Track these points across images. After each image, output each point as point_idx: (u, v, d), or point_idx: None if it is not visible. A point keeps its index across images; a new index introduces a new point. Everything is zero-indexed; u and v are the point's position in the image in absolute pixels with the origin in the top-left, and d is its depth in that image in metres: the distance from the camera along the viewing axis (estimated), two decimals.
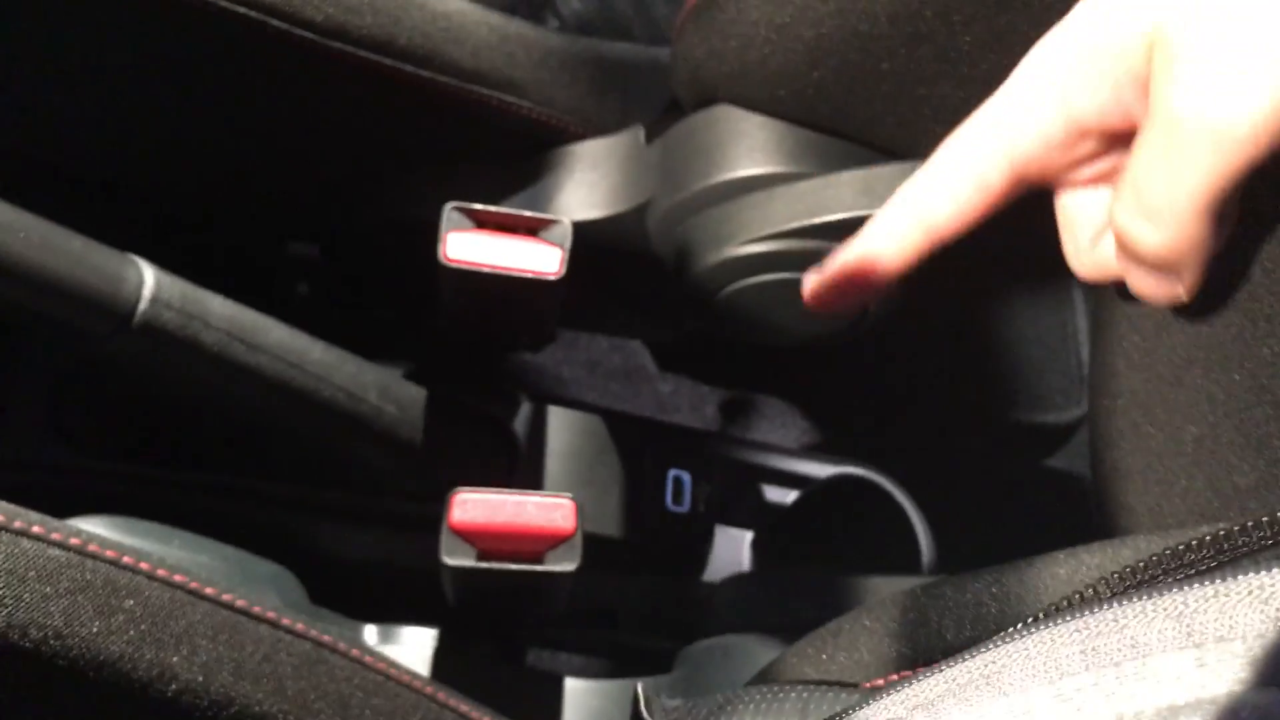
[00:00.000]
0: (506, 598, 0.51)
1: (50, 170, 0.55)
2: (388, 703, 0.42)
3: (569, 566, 0.47)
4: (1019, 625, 0.25)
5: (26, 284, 0.41)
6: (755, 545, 0.69)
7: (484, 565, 0.47)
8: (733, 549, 0.69)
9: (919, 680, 0.24)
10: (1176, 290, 0.36)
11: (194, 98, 0.53)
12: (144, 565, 0.37)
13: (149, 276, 0.44)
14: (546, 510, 0.48)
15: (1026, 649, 0.23)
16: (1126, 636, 0.22)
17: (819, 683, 0.32)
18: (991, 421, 0.82)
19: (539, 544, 0.48)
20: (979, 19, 0.43)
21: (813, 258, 0.51)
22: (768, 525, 0.69)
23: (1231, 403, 0.36)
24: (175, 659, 0.37)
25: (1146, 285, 0.36)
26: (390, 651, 0.53)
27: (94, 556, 0.36)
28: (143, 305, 0.43)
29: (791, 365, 0.80)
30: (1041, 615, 0.25)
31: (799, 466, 0.71)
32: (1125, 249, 0.35)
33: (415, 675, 0.43)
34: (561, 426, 0.61)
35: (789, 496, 0.71)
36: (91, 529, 0.45)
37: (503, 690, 0.54)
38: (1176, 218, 0.33)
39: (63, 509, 0.47)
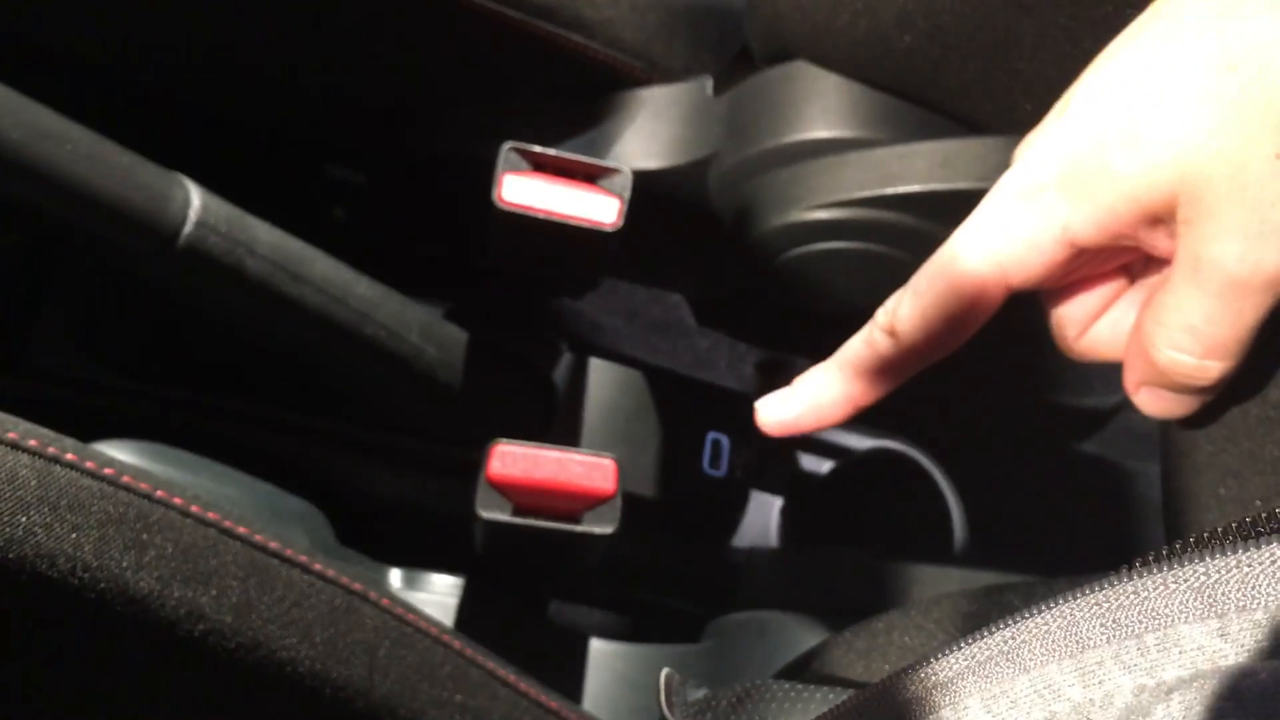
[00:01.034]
0: (538, 555, 0.50)
1: (97, 78, 0.53)
2: (415, 655, 0.40)
3: (607, 529, 0.46)
4: (1040, 603, 0.24)
5: (72, 197, 0.39)
6: (784, 512, 0.68)
7: (519, 521, 0.46)
8: (762, 514, 0.68)
9: (939, 658, 0.24)
10: (1206, 400, 0.37)
11: (253, 8, 0.50)
12: (178, 500, 0.36)
13: (196, 198, 0.42)
14: (588, 469, 0.46)
15: (1047, 623, 0.23)
16: (1148, 608, 0.22)
17: (853, 683, 0.31)
18: (1031, 402, 0.80)
19: (577, 503, 0.46)
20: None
21: (882, 229, 0.49)
22: (801, 494, 0.67)
23: None
24: (205, 599, 0.35)
25: (1183, 404, 0.37)
26: (415, 597, 0.52)
27: (128, 489, 0.34)
28: (188, 227, 0.42)
29: (833, 330, 0.78)
30: (1062, 595, 0.24)
31: (836, 437, 0.69)
32: (1178, 381, 0.35)
33: (444, 628, 0.42)
34: (602, 379, 0.59)
35: (824, 466, 0.69)
36: (121, 455, 0.44)
37: (527, 646, 0.53)
38: (1238, 349, 0.35)
39: (92, 427, 0.46)
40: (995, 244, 0.37)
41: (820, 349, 0.85)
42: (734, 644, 0.51)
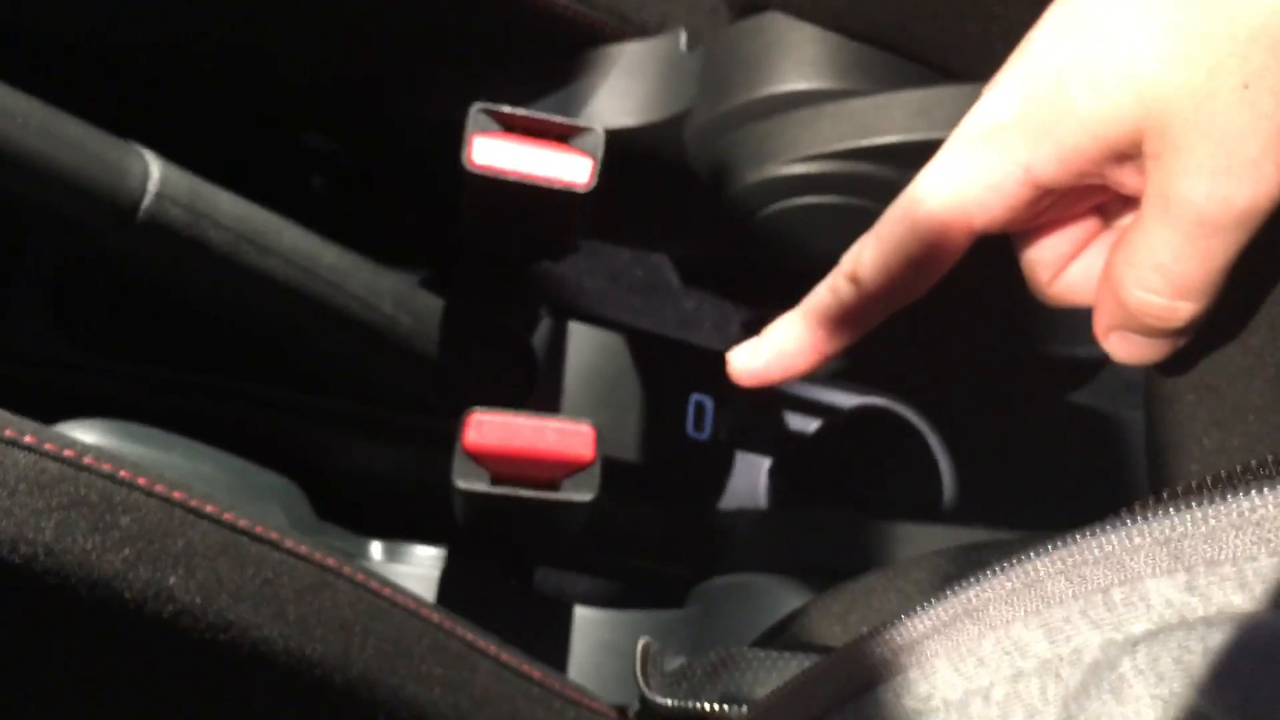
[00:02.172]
0: (518, 523, 0.49)
1: (52, 48, 0.52)
2: (392, 629, 0.40)
3: (586, 496, 0.45)
4: (1004, 560, 0.24)
5: (25, 173, 0.38)
6: (773, 473, 0.67)
7: (497, 490, 0.45)
8: (751, 475, 0.67)
9: (904, 620, 0.23)
10: (1178, 344, 0.37)
11: None
12: (142, 480, 0.35)
13: (155, 169, 0.41)
14: (565, 436, 0.45)
15: (1011, 581, 0.23)
16: (1114, 563, 0.22)
17: (825, 648, 0.30)
18: (1021, 354, 0.79)
19: (555, 470, 0.46)
20: None
21: (861, 181, 0.48)
22: (789, 454, 0.67)
23: None
24: (172, 579, 0.35)
25: (1155, 349, 0.37)
26: (396, 569, 0.51)
27: (90, 470, 0.34)
28: (148, 200, 0.41)
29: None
30: (1025, 553, 0.24)
31: (823, 395, 0.68)
32: (1149, 323, 0.34)
33: (422, 602, 0.42)
34: (582, 344, 0.58)
35: (811, 425, 0.68)
36: (89, 434, 0.43)
37: (510, 615, 0.52)
38: (1209, 289, 0.34)
39: (62, 406, 0.45)
40: (957, 187, 0.36)
41: None
42: (717, 609, 0.51)
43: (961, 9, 0.44)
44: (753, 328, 0.80)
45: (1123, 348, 0.37)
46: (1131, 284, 0.34)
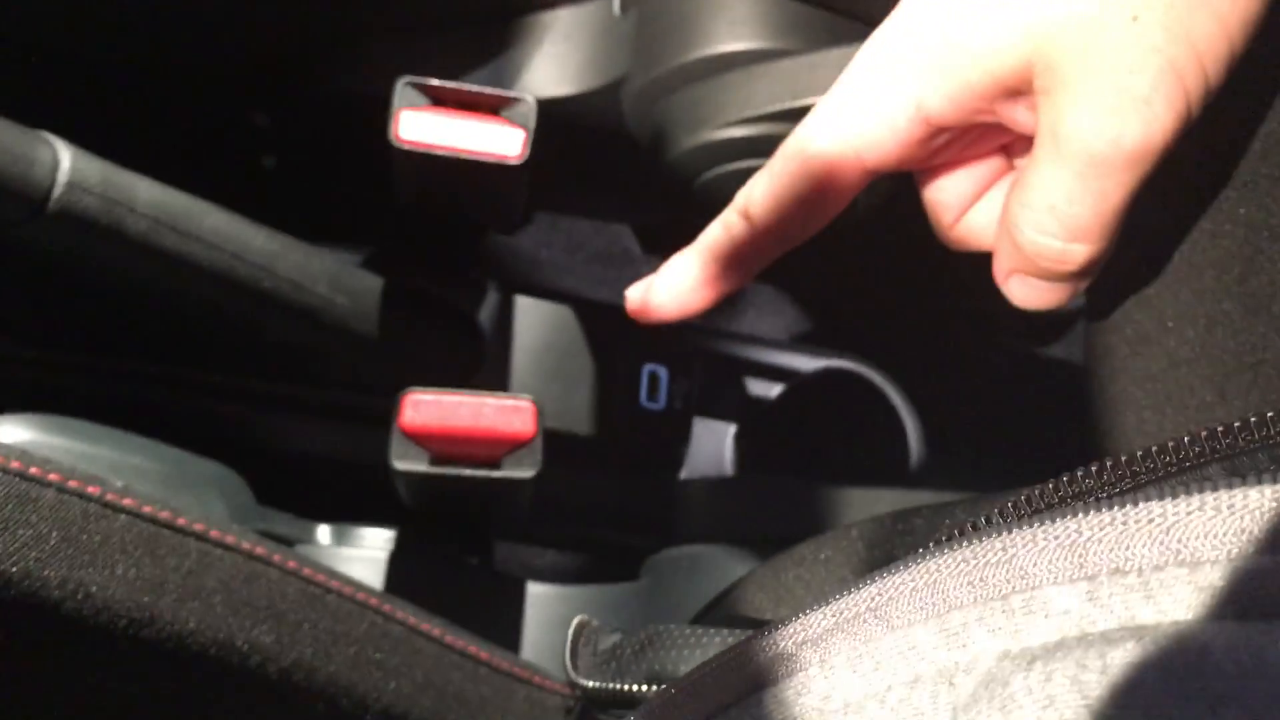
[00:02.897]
0: (463, 502, 0.49)
1: None
2: (327, 616, 0.39)
3: (527, 472, 0.45)
4: (909, 555, 0.23)
5: None
6: (738, 439, 0.66)
7: (436, 470, 0.44)
8: (715, 443, 0.66)
9: (808, 614, 0.23)
10: (1079, 288, 0.35)
11: None
12: (53, 476, 0.34)
13: (65, 157, 0.40)
14: (505, 413, 0.45)
15: (914, 580, 0.22)
16: (1015, 567, 0.21)
17: (755, 622, 0.30)
18: (987, 309, 0.78)
19: (496, 448, 0.45)
20: None
21: None
22: (752, 421, 0.66)
23: (1225, 323, 0.33)
24: (90, 576, 0.34)
25: (1055, 293, 0.35)
26: (344, 553, 0.51)
27: None
28: (58, 189, 0.40)
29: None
30: (931, 545, 0.23)
31: (784, 360, 0.68)
32: (1045, 267, 0.33)
33: (360, 586, 0.41)
34: (531, 318, 0.58)
35: (774, 391, 0.68)
36: (14, 429, 0.43)
37: (462, 595, 0.52)
38: (1104, 232, 0.33)
39: None
40: (847, 124, 0.35)
41: (769, 271, 0.83)
42: (668, 581, 0.50)
43: None
44: None
45: (1022, 292, 0.36)
46: (1026, 226, 0.33)
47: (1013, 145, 0.36)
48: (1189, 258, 0.34)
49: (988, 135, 0.36)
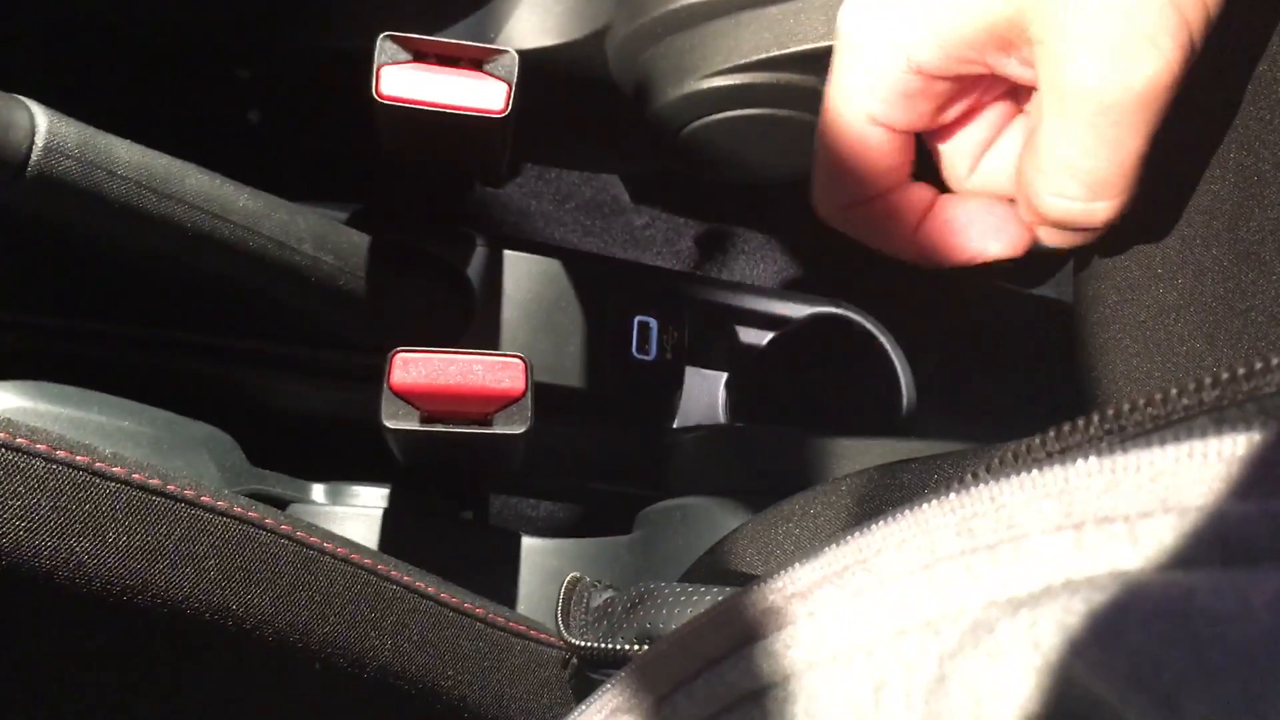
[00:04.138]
0: (455, 459, 0.49)
1: None
2: (321, 578, 0.39)
3: (518, 429, 0.45)
4: (898, 507, 0.23)
5: None
6: (729, 387, 0.66)
7: (427, 429, 0.44)
8: (708, 391, 0.66)
9: (797, 567, 0.23)
10: (1098, 231, 0.35)
11: None
12: (41, 445, 0.34)
13: (42, 121, 0.40)
14: (494, 370, 0.45)
15: (902, 530, 0.22)
16: (1004, 517, 0.21)
17: (745, 578, 0.30)
18: None
19: (486, 406, 0.45)
20: None
21: (782, 92, 0.47)
22: (743, 369, 0.66)
23: (1215, 270, 0.33)
24: (80, 545, 0.34)
25: (1087, 236, 0.35)
26: (339, 511, 0.51)
27: None
28: (35, 154, 0.39)
29: (771, 198, 0.76)
30: (920, 496, 0.23)
31: (775, 307, 0.67)
32: (1069, 226, 0.33)
33: (354, 546, 0.41)
34: (519, 271, 0.57)
35: (765, 338, 0.68)
36: (1, 396, 0.42)
37: (457, 550, 0.52)
38: (1126, 182, 0.32)
39: None
40: (853, 91, 0.35)
41: (760, 218, 0.83)
42: (660, 534, 0.50)
43: None
44: (704, 242, 0.79)
45: (1051, 238, 0.36)
46: (1045, 191, 0.33)
47: (1018, 90, 0.36)
48: (1177, 205, 0.34)
49: (990, 85, 0.35)
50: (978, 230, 0.37)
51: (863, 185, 0.37)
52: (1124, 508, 0.20)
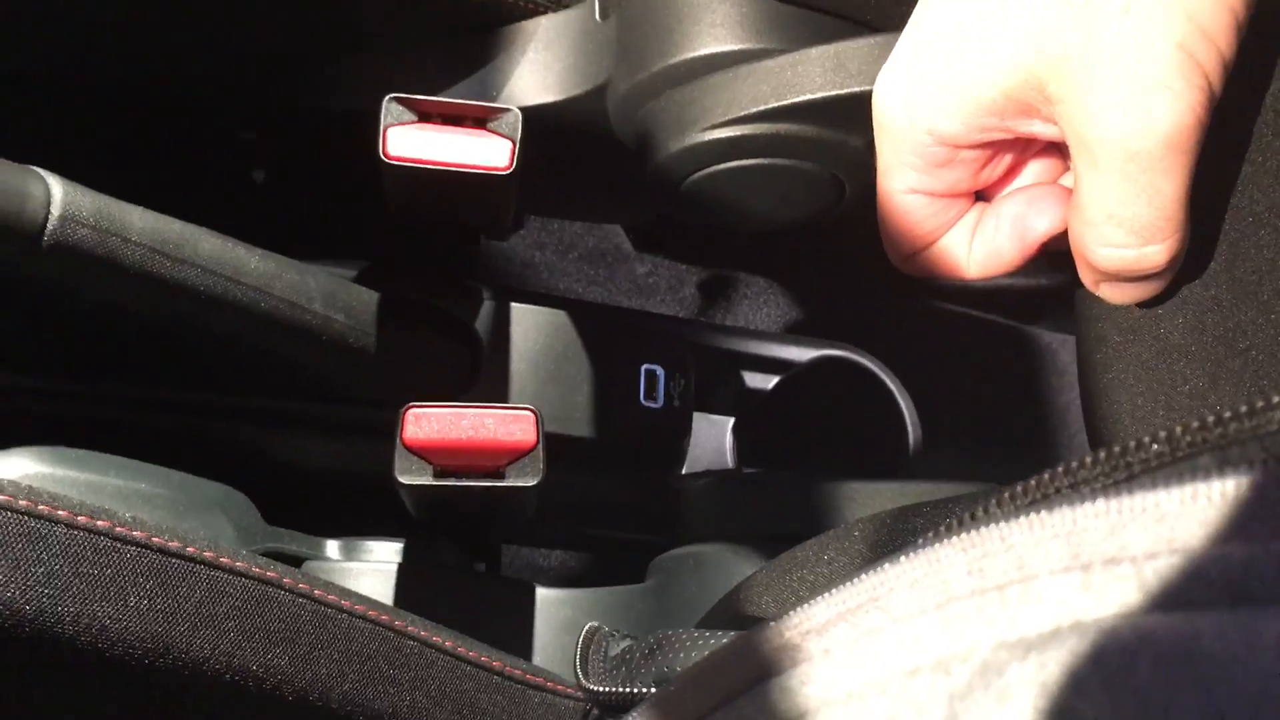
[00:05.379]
0: (468, 511, 0.49)
1: None
2: (340, 636, 0.40)
3: (531, 481, 0.45)
4: (910, 546, 0.23)
5: None
6: (736, 431, 0.67)
7: (440, 483, 0.45)
8: (715, 436, 0.67)
9: (812, 605, 0.23)
10: (1170, 278, 0.35)
11: None
12: (63, 512, 0.35)
13: (57, 191, 0.41)
14: (505, 423, 0.45)
15: (915, 569, 0.23)
16: (1013, 557, 0.21)
17: (761, 622, 0.30)
18: (979, 289, 0.79)
19: (498, 458, 0.45)
20: None
21: (782, 142, 0.48)
22: (750, 413, 0.66)
23: (1215, 309, 0.33)
24: (102, 609, 0.34)
25: (1152, 286, 0.36)
26: (354, 567, 0.51)
27: (7, 509, 0.33)
28: (52, 224, 0.40)
29: (771, 243, 0.77)
30: (931, 534, 0.23)
31: (779, 351, 0.68)
32: (1126, 275, 0.34)
33: (371, 603, 0.41)
34: (527, 323, 0.58)
35: (770, 382, 0.68)
36: (21, 463, 0.43)
37: (471, 603, 0.52)
38: (1173, 224, 0.32)
39: None
40: (896, 174, 0.36)
41: (761, 263, 0.83)
42: (674, 581, 0.51)
43: None
44: (707, 288, 0.80)
45: (1119, 295, 0.36)
46: (1094, 244, 0.33)
47: (1060, 145, 0.37)
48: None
49: (1030, 143, 0.36)
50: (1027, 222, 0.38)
51: (915, 241, 0.39)
52: (1130, 549, 0.20)
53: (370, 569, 0.51)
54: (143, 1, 0.50)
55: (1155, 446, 0.23)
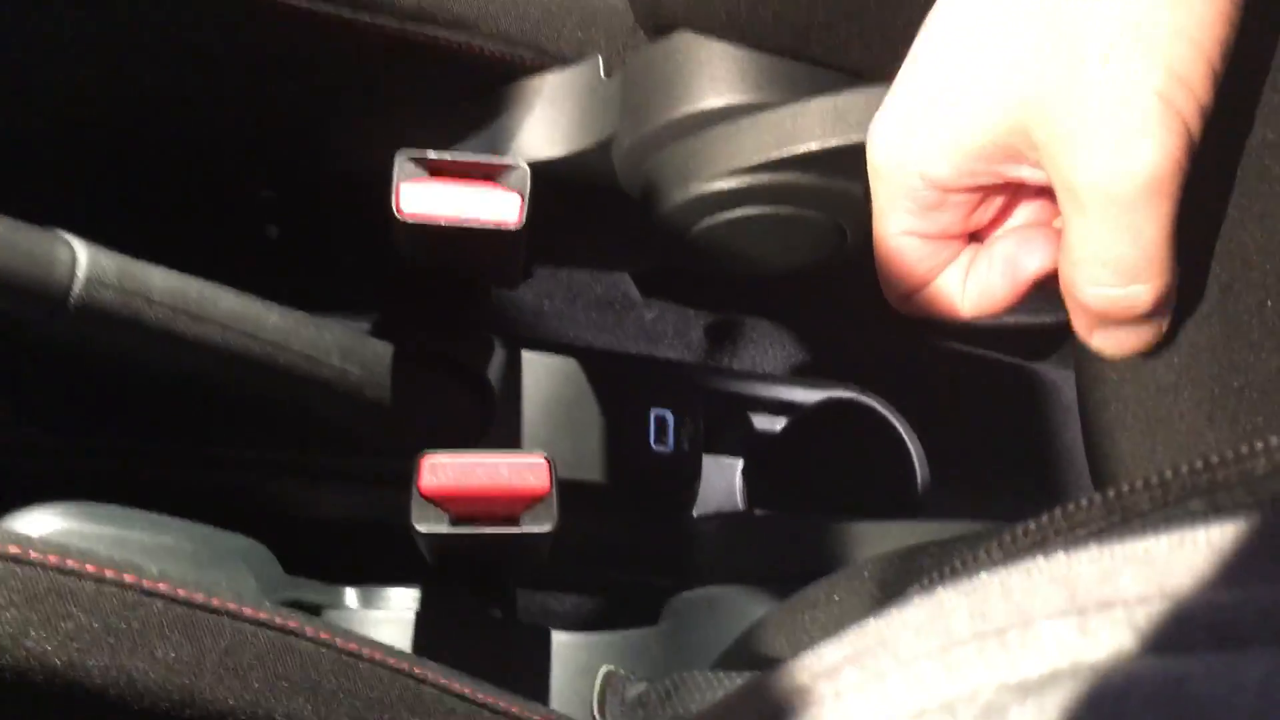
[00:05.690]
0: (484, 558, 0.50)
1: None
2: (361, 683, 0.41)
3: (545, 527, 0.46)
4: (916, 588, 0.24)
5: None
6: (746, 474, 0.68)
7: (457, 531, 0.46)
8: (725, 478, 0.68)
9: (822, 647, 0.24)
10: (1161, 327, 0.36)
11: (124, 61, 0.50)
12: (90, 567, 0.35)
13: (82, 255, 0.42)
14: (519, 470, 0.46)
15: (920, 614, 0.23)
16: (1013, 602, 0.22)
17: (775, 663, 0.31)
18: (983, 328, 0.80)
19: (513, 505, 0.46)
20: None
21: (785, 190, 0.49)
22: (758, 455, 0.67)
23: (1209, 349, 0.34)
24: (130, 662, 0.35)
25: (1144, 334, 0.36)
26: (372, 615, 0.52)
27: (37, 565, 0.34)
28: (77, 287, 0.41)
29: (775, 286, 0.78)
30: (936, 577, 0.24)
31: (786, 393, 0.69)
32: (1117, 315, 0.35)
33: (390, 651, 0.42)
34: (537, 370, 0.59)
35: (778, 424, 0.69)
36: (47, 519, 0.44)
37: (489, 648, 0.53)
38: (1157, 266, 0.33)
39: (21, 488, 0.46)
40: (891, 220, 0.37)
41: (767, 305, 0.84)
42: (688, 624, 0.51)
43: (853, 14, 0.45)
44: (713, 332, 0.81)
45: (1112, 343, 0.36)
46: (1083, 283, 0.34)
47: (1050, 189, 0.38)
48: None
49: (1021, 187, 0.37)
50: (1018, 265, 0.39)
51: (910, 281, 0.40)
52: (1123, 593, 0.21)
53: (388, 617, 0.52)
54: (166, 68, 0.52)
55: (1147, 492, 0.24)
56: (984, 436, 0.79)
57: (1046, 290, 0.39)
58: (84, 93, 0.54)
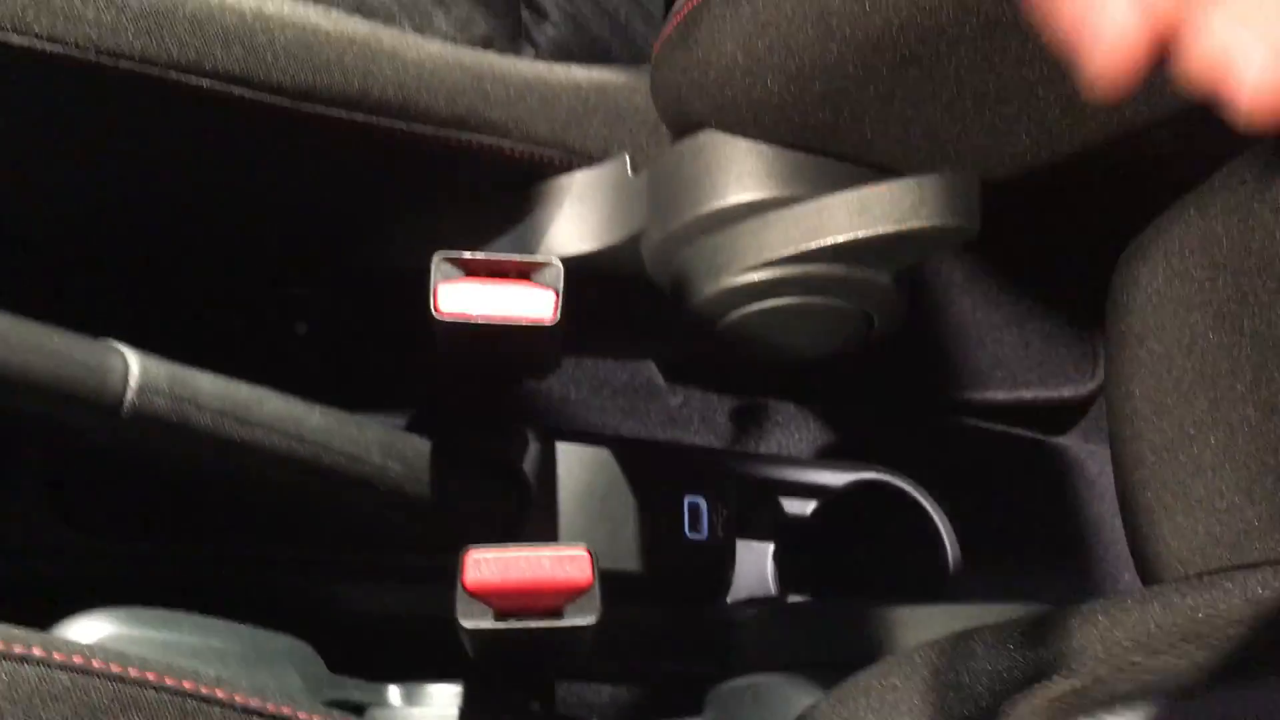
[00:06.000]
0: (528, 652, 0.50)
1: (24, 248, 0.54)
2: None
3: (589, 619, 0.46)
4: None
5: (9, 388, 0.40)
6: (777, 558, 0.68)
7: (502, 626, 0.46)
8: (756, 563, 0.68)
9: None
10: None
11: (165, 168, 0.51)
12: (150, 675, 0.36)
13: (134, 364, 0.43)
14: (561, 563, 0.46)
15: None
16: None
17: None
18: (1005, 405, 0.81)
19: (557, 598, 0.47)
20: (965, 41, 0.42)
21: (813, 281, 0.50)
22: (789, 540, 0.68)
23: (1244, 429, 0.35)
24: None
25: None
26: (416, 712, 0.52)
27: (99, 674, 0.35)
28: (130, 395, 0.42)
29: (799, 369, 0.79)
30: None
31: (815, 476, 0.69)
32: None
33: None
34: (571, 461, 0.60)
35: (808, 507, 0.70)
36: (99, 625, 0.45)
37: None
38: None
39: (69, 593, 0.46)
40: None
41: (792, 388, 0.85)
42: (733, 713, 0.51)
43: (877, 116, 0.46)
44: (739, 417, 0.82)
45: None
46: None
47: None
48: (1200, 369, 0.37)
49: None
50: None
51: None
52: None
53: (430, 714, 0.52)
54: (204, 175, 0.53)
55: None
56: (1012, 514, 0.79)
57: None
58: (119, 199, 0.55)
